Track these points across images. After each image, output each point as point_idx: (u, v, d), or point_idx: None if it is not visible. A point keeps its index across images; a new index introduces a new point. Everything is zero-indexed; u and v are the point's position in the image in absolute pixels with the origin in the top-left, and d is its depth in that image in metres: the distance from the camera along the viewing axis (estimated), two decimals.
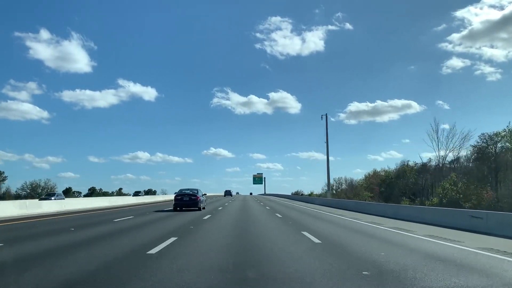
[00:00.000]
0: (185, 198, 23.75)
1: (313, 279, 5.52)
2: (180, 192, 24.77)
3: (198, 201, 23.71)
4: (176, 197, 24.10)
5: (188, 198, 23.71)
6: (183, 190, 24.95)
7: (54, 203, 25.64)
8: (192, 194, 24.03)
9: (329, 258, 7.22)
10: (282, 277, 5.72)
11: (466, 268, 6.61)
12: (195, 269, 6.16)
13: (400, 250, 8.54)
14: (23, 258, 6.98)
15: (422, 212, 18.71)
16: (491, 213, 13.66)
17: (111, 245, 8.73)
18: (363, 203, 34.37)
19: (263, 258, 7.37)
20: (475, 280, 5.73)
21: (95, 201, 31.75)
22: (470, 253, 8.32)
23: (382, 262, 6.89)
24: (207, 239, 10.13)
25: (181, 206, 23.69)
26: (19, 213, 19.27)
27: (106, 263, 6.64)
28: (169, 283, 5.22)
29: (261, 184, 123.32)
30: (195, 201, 23.61)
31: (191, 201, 23.60)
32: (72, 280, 5.35)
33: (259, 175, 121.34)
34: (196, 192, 24.45)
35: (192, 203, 23.58)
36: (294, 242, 9.86)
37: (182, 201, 23.69)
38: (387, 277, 5.73)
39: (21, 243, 9.26)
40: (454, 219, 14.84)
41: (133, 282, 5.23)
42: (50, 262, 6.68)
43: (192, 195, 23.91)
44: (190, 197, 23.75)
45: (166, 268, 6.11)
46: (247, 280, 5.58)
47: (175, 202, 23.95)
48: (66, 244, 8.97)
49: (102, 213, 21.30)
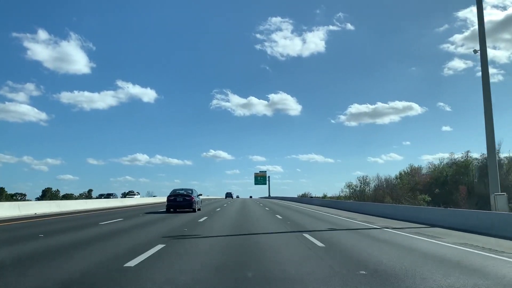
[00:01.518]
0: (179, 199, 22.18)
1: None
2: (173, 192, 23.20)
3: (193, 202, 22.14)
4: (169, 198, 22.50)
5: (182, 199, 22.15)
6: (177, 190, 23.39)
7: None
8: (186, 195, 22.46)
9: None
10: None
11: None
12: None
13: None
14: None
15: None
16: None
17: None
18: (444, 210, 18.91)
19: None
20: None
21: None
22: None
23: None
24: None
25: (175, 208, 22.14)
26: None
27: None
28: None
29: (265, 184, 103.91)
30: (189, 202, 22.04)
31: (185, 202, 22.02)
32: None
33: (261, 173, 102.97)
34: (190, 192, 22.88)
35: (186, 204, 22.01)
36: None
37: (175, 202, 22.12)
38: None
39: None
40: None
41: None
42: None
43: (186, 196, 22.35)
44: (184, 198, 22.18)
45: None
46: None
47: (167, 203, 22.38)
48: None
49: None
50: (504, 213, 13.72)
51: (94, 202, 31.88)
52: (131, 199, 44.35)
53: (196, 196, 23.38)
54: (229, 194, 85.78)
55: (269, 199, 76.82)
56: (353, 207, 28.82)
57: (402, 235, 11.32)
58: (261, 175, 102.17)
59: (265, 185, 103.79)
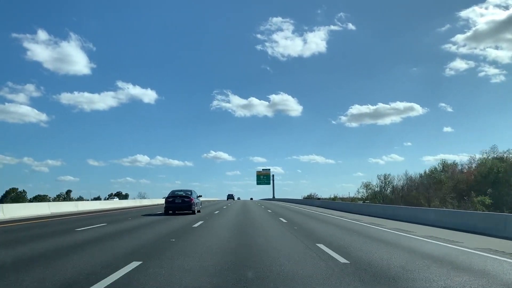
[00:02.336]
0: (177, 201, 20.34)
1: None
2: (171, 193, 21.28)
3: (192, 203, 20.29)
4: (167, 200, 20.64)
5: (181, 201, 20.32)
6: (175, 192, 21.46)
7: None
8: (185, 196, 20.55)
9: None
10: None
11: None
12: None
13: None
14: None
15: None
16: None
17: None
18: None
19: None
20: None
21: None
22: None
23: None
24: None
25: (174, 209, 20.33)
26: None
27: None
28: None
29: (268, 184, 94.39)
30: (188, 204, 20.21)
31: (184, 204, 20.21)
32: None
33: (265, 171, 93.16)
34: (189, 194, 20.96)
35: (185, 206, 20.19)
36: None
37: (174, 204, 20.34)
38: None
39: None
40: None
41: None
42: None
43: (185, 197, 20.46)
44: (183, 199, 20.33)
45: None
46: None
47: (166, 205, 20.54)
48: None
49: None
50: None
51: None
52: (112, 202, 40.09)
53: (195, 198, 21.50)
54: (230, 195, 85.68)
55: (272, 202, 67.90)
56: (381, 212, 22.36)
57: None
58: (264, 174, 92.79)
59: (269, 185, 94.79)
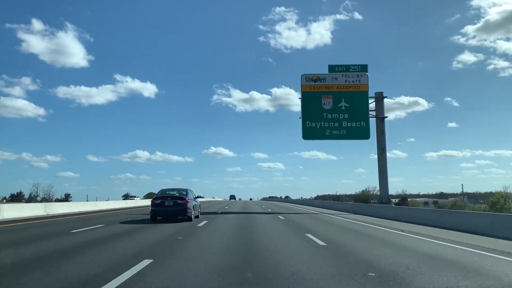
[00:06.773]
0: (168, 203, 15.55)
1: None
2: (161, 193, 16.59)
3: (187, 207, 15.51)
4: (155, 202, 15.82)
5: (172, 203, 15.53)
6: (166, 191, 16.77)
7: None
8: (179, 197, 15.81)
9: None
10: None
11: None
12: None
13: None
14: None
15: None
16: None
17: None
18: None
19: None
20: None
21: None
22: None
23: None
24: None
25: (163, 215, 15.62)
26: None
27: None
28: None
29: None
30: (182, 208, 15.44)
31: (176, 207, 15.43)
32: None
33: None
34: (184, 194, 16.20)
35: (178, 210, 15.44)
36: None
37: (163, 207, 15.52)
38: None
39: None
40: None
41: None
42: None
43: (179, 198, 15.71)
44: (175, 202, 15.55)
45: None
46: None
47: (152, 208, 15.69)
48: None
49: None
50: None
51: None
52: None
53: (192, 199, 16.61)
54: (232, 196, 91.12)
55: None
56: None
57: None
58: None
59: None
